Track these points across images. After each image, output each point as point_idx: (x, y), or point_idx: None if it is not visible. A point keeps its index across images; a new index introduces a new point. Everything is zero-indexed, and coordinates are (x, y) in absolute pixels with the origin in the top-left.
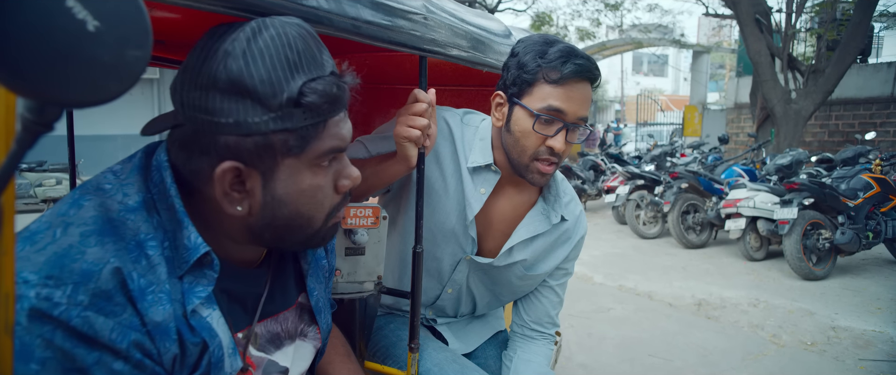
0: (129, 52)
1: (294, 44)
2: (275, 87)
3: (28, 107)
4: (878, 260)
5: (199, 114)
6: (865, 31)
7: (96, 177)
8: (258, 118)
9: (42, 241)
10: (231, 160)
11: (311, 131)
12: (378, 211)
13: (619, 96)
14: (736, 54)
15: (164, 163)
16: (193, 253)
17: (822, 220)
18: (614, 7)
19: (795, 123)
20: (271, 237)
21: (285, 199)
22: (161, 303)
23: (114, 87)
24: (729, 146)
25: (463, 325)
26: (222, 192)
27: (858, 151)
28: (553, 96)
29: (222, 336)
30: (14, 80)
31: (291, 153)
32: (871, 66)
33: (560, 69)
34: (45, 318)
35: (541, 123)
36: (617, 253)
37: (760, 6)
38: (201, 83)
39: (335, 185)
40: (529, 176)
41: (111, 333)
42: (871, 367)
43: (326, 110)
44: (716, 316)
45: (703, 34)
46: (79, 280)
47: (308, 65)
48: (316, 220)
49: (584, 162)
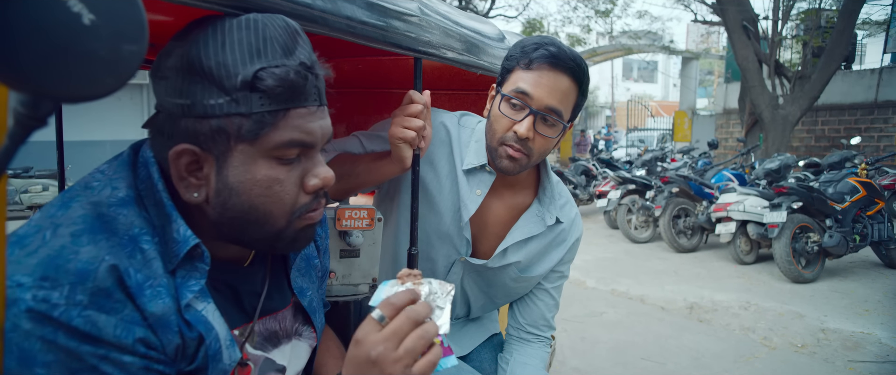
0: (125, 46)
1: (263, 32)
2: (230, 70)
3: (21, 101)
4: (865, 263)
5: (165, 96)
6: (849, 38)
7: (83, 178)
8: (213, 100)
9: (32, 244)
10: (187, 143)
11: (268, 118)
12: (373, 213)
13: (609, 102)
14: (724, 60)
15: (150, 159)
16: (183, 247)
17: (810, 224)
18: (604, 14)
19: (783, 128)
20: (229, 231)
21: (238, 188)
22: (160, 297)
23: (109, 82)
24: (718, 151)
25: (457, 328)
26: (178, 176)
27: (844, 156)
28: (522, 79)
29: (219, 328)
30: (8, 73)
31: (245, 139)
32: (855, 73)
33: (531, 54)
34: (44, 320)
35: (508, 107)
36: (609, 258)
37: (747, 13)
38: (169, 65)
39: (303, 184)
40: (498, 161)
41: (115, 330)
42: (860, 369)
43: (285, 98)
44: (707, 320)
45: (691, 41)
46: (75, 280)
47: (272, 53)
48: (275, 217)
49: (575, 167)
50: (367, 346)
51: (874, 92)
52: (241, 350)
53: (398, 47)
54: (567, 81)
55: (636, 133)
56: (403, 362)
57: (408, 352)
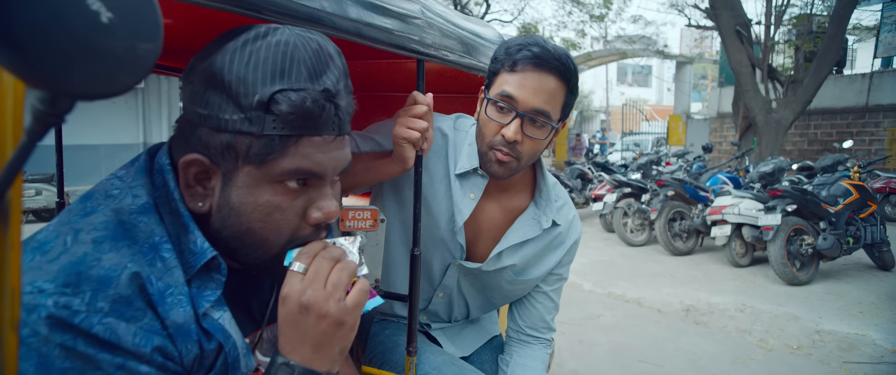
0: (141, 45)
1: (291, 53)
2: (248, 87)
3: (39, 97)
4: (858, 265)
5: (188, 101)
6: (840, 43)
7: (100, 184)
8: (228, 115)
9: (54, 251)
10: (199, 153)
11: (277, 143)
12: (376, 214)
13: (604, 106)
14: (718, 65)
15: (166, 166)
16: (200, 258)
17: (804, 226)
18: (599, 18)
19: (776, 132)
20: (225, 248)
21: (238, 209)
22: (181, 306)
23: (125, 80)
24: (713, 155)
25: (458, 330)
26: (185, 183)
27: (837, 159)
28: (507, 82)
29: (235, 337)
30: (27, 70)
31: (251, 161)
32: (847, 78)
33: (515, 56)
34: (65, 327)
35: (495, 110)
36: (605, 261)
37: (741, 18)
38: (197, 71)
39: (305, 214)
40: (489, 166)
41: (134, 338)
42: (855, 370)
43: (298, 125)
44: (704, 322)
45: (685, 45)
46: (97, 287)
47: (296, 76)
48: (271, 244)
49: (570, 171)
50: (295, 295)
51: (865, 96)
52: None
53: (402, 49)
54: (553, 81)
55: (631, 137)
56: (335, 296)
57: (335, 286)
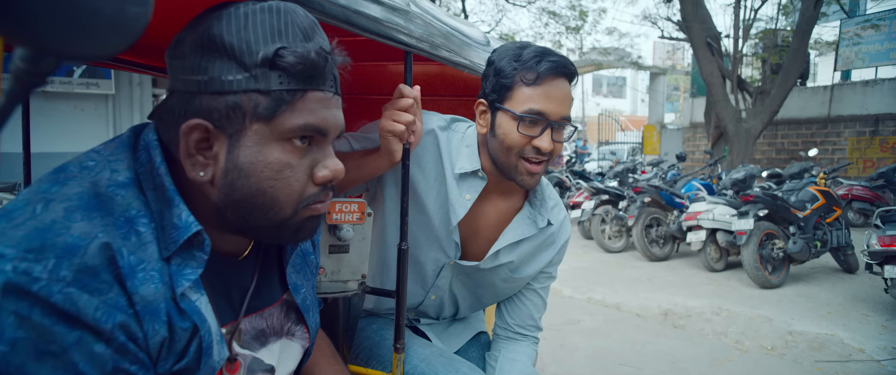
0: (130, 7)
1: (285, 17)
2: (251, 46)
3: (22, 56)
4: (825, 269)
5: (179, 74)
6: (803, 56)
7: (76, 157)
8: (232, 76)
9: (20, 217)
10: (200, 118)
11: (286, 97)
12: (363, 207)
13: (580, 116)
14: (690, 76)
15: (152, 142)
16: (184, 233)
17: (775, 231)
18: (575, 30)
19: (746, 141)
20: (234, 216)
21: (248, 169)
22: (152, 282)
23: (112, 42)
24: (686, 163)
25: (445, 327)
26: (186, 152)
27: (803, 167)
28: (533, 99)
29: (211, 322)
30: (11, 27)
31: (261, 118)
32: (810, 89)
33: (535, 69)
34: (21, 294)
35: (525, 125)
36: (584, 267)
37: (711, 31)
38: (188, 43)
39: (312, 174)
40: (518, 177)
41: (95, 312)
42: (826, 369)
43: (304, 78)
44: (682, 325)
45: (658, 57)
46: (62, 254)
47: (293, 36)
48: (282, 204)
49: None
50: None
51: (827, 107)
52: (229, 347)
53: (390, 40)
54: (569, 85)
55: (607, 146)
56: None
57: None
